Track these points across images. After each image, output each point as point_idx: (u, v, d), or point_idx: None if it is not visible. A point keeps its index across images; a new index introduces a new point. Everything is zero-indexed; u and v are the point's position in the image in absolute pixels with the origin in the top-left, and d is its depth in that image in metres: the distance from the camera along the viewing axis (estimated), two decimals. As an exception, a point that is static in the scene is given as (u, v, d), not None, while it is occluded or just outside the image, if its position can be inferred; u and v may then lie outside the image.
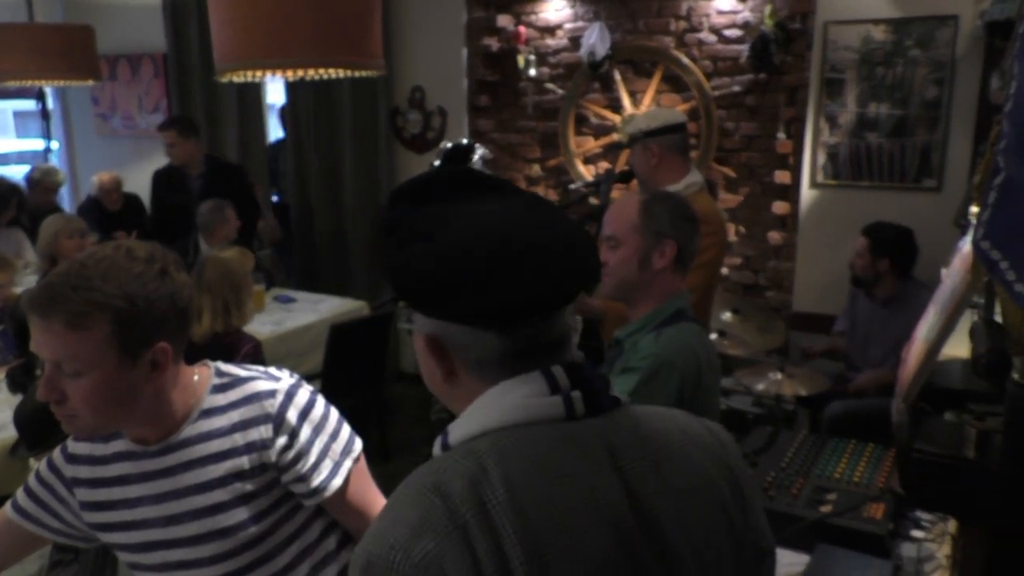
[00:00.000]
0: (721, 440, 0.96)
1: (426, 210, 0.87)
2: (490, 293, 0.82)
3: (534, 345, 0.86)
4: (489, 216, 0.86)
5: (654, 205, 1.82)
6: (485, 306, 0.82)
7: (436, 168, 0.88)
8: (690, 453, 0.90)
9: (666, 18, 4.56)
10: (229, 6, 2.21)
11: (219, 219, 4.25)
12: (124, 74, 6.26)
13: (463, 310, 0.83)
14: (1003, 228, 1.19)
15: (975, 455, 1.60)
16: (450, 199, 0.88)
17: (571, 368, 0.87)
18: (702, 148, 4.48)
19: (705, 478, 0.90)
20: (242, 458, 1.32)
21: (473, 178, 0.91)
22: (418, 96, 5.16)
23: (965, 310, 1.81)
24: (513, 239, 0.84)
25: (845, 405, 3.44)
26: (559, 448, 0.82)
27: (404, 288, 0.86)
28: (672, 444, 0.90)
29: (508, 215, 0.86)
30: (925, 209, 3.75)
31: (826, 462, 2.23)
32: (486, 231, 0.84)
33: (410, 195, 0.90)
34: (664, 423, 0.93)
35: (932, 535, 1.91)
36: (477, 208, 0.87)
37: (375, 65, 2.43)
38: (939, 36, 3.67)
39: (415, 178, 0.92)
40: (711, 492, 0.90)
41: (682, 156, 2.76)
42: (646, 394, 1.67)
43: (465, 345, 0.87)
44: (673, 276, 1.83)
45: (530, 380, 0.85)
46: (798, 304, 4.24)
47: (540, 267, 0.83)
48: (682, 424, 0.94)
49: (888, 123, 3.85)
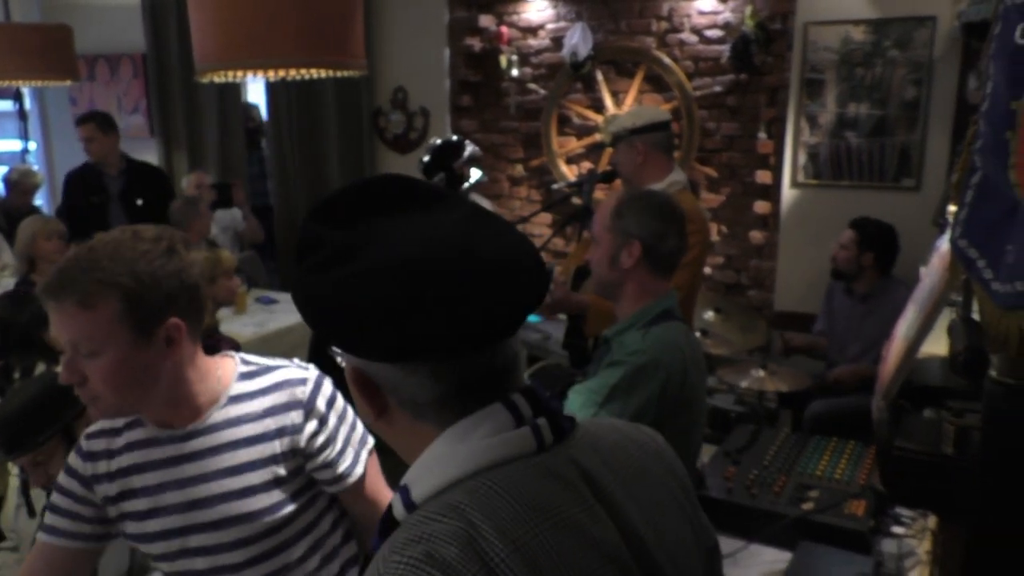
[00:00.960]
0: (659, 443, 0.93)
1: (347, 228, 0.76)
2: (417, 327, 0.70)
3: (480, 377, 0.77)
4: (419, 233, 0.74)
5: (625, 205, 1.84)
6: (410, 343, 0.71)
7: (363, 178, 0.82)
8: (646, 464, 0.87)
9: (648, 19, 4.58)
10: (209, 6, 2.19)
11: (192, 214, 4.22)
12: (103, 74, 6.20)
13: (385, 348, 0.72)
14: (980, 227, 1.20)
15: (954, 452, 1.62)
16: (377, 214, 0.77)
17: (528, 395, 0.79)
18: (684, 148, 4.50)
19: (665, 488, 0.87)
20: (274, 442, 1.35)
21: (406, 188, 0.80)
22: (400, 96, 5.15)
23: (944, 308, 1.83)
24: (449, 258, 0.72)
25: (827, 404, 3.47)
26: (542, 486, 0.75)
27: (315, 320, 0.76)
28: (631, 458, 0.86)
29: (442, 231, 0.75)
30: (904, 208, 3.79)
31: (808, 460, 2.24)
32: (413, 252, 0.72)
33: (331, 210, 0.79)
34: (616, 436, 0.88)
35: (912, 531, 1.93)
36: (406, 224, 0.75)
37: (357, 65, 2.42)
38: (917, 37, 3.71)
39: (338, 191, 0.80)
40: (674, 501, 0.87)
41: (667, 154, 2.78)
42: (628, 389, 1.69)
43: (395, 384, 0.77)
44: (651, 276, 1.84)
45: (491, 415, 0.76)
46: (780, 303, 4.26)
47: (478, 291, 0.72)
48: (629, 434, 0.90)
49: (867, 123, 3.88)
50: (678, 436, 1.80)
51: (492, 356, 0.77)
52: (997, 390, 1.19)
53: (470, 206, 0.80)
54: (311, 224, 0.78)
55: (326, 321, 0.75)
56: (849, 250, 3.58)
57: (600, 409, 1.67)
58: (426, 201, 0.79)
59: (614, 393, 1.68)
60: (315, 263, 0.75)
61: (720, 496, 2.06)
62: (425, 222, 0.76)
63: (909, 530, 1.93)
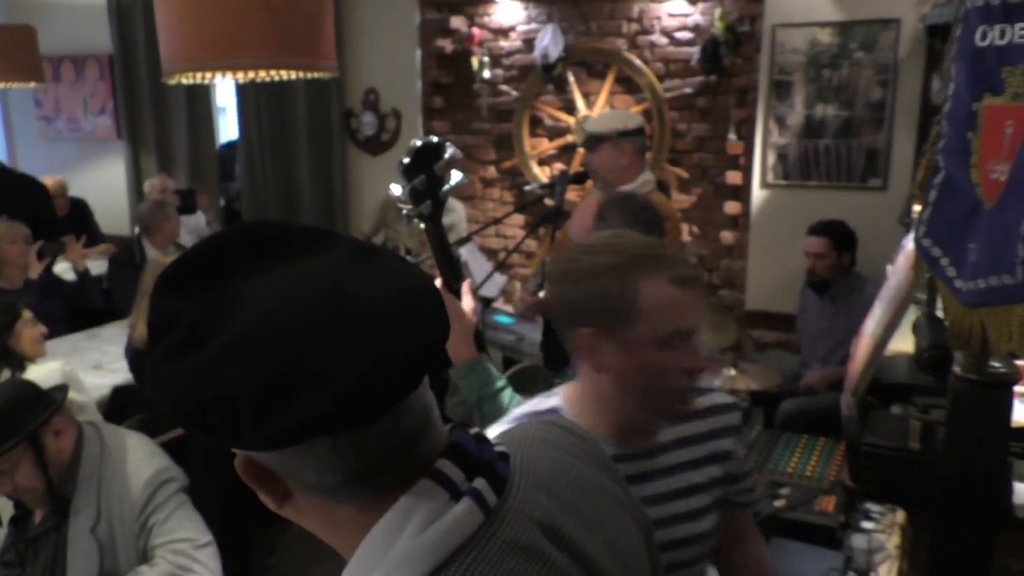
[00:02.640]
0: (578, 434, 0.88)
1: (203, 296, 0.63)
2: (297, 406, 0.59)
3: (393, 446, 0.65)
4: (286, 292, 0.62)
5: (607, 208, 1.86)
6: (292, 425, 0.59)
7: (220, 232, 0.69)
8: (580, 471, 0.81)
9: (618, 20, 4.60)
10: (176, 6, 2.17)
11: (161, 217, 4.17)
12: (68, 76, 6.10)
13: (264, 436, 0.60)
14: (943, 226, 1.22)
15: (920, 447, 1.65)
16: (237, 275, 0.64)
17: (455, 453, 0.68)
18: (655, 149, 4.52)
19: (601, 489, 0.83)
20: (715, 465, 1.36)
21: (270, 238, 0.67)
22: (372, 98, 5.12)
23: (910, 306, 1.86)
24: (318, 319, 0.60)
25: (798, 403, 3.51)
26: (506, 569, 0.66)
27: (178, 416, 0.63)
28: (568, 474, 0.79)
29: (312, 285, 0.63)
30: (871, 208, 3.84)
31: (779, 457, 2.27)
32: (280, 317, 0.60)
33: (184, 275, 0.65)
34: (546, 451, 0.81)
35: (882, 526, 1.96)
36: (271, 282, 0.63)
37: (327, 66, 2.41)
38: (882, 39, 3.77)
39: (192, 250, 0.67)
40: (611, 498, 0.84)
41: (643, 157, 2.88)
42: None
43: (290, 471, 0.65)
44: None
45: (421, 495, 0.65)
46: (750, 302, 4.30)
47: (361, 350, 0.60)
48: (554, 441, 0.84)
49: (835, 124, 3.93)
50: None
51: (397, 419, 0.65)
52: (961, 386, 1.21)
53: (352, 246, 0.68)
54: (162, 295, 0.65)
55: (191, 417, 0.62)
56: (828, 257, 3.61)
57: None
58: (293, 250, 0.66)
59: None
60: (170, 347, 0.63)
61: (693, 494, 2.07)
62: (292, 277, 0.63)
63: (878, 525, 1.96)
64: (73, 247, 4.32)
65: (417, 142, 1.57)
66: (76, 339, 3.88)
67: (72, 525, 1.94)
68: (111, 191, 6.00)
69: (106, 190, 5.99)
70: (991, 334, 1.08)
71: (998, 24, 1.13)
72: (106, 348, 3.68)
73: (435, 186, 1.58)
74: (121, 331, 3.49)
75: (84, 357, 3.56)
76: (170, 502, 1.98)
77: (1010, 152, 1.08)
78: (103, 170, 6.13)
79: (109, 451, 2.01)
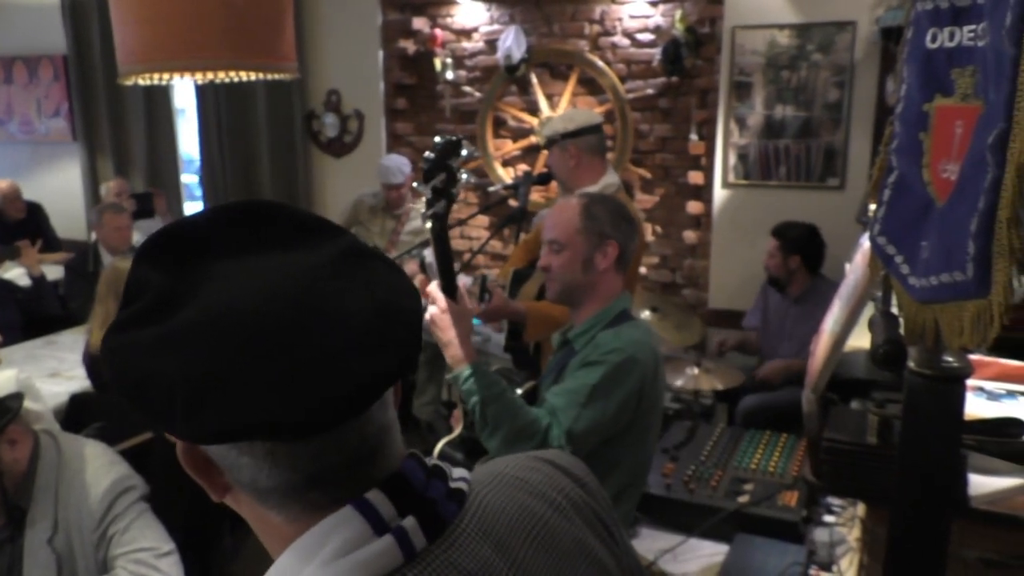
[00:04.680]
0: (578, 476, 0.81)
1: (178, 270, 0.61)
2: (241, 402, 0.56)
3: (332, 465, 0.62)
4: (260, 281, 0.59)
5: (594, 207, 1.86)
6: (232, 422, 0.56)
7: (222, 205, 0.66)
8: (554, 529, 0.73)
9: (580, 22, 4.62)
10: (132, 5, 2.13)
11: (109, 212, 4.13)
12: (21, 77, 5.97)
13: (202, 428, 0.57)
14: (897, 224, 1.25)
15: (877, 441, 1.68)
16: (220, 254, 0.61)
17: (394, 486, 0.63)
18: (618, 150, 4.55)
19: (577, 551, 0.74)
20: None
21: (267, 220, 0.64)
22: (334, 99, 5.09)
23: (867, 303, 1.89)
24: (285, 319, 0.57)
25: (757, 399, 3.56)
26: None
27: (118, 386, 0.60)
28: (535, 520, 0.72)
29: (292, 282, 0.59)
30: (830, 207, 3.91)
31: (743, 454, 2.30)
32: (245, 304, 0.58)
33: (165, 246, 0.63)
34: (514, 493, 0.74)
35: (843, 520, 1.99)
36: (249, 268, 0.60)
37: (288, 67, 2.39)
38: (839, 41, 3.84)
39: (183, 220, 0.65)
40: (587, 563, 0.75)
41: (600, 157, 2.81)
42: (609, 387, 1.71)
43: (227, 465, 0.63)
44: (615, 276, 1.87)
45: (341, 523, 0.61)
46: (714, 301, 4.35)
47: (317, 361, 0.57)
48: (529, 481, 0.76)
49: (794, 124, 3.99)
50: (645, 434, 1.83)
51: (345, 437, 0.62)
52: (915, 381, 1.23)
53: (345, 247, 0.64)
54: (139, 261, 0.63)
55: (129, 392, 0.59)
56: (775, 257, 3.69)
57: (583, 410, 1.68)
58: (282, 239, 0.63)
59: (595, 393, 1.70)
60: (130, 315, 0.60)
61: (659, 493, 2.10)
62: (267, 269, 0.60)
63: (840, 519, 1.99)
64: (28, 252, 4.22)
65: (438, 139, 1.56)
66: (32, 346, 3.80)
67: (28, 536, 1.90)
68: (67, 195, 5.88)
69: (62, 194, 5.87)
70: (944, 330, 1.11)
71: (947, 27, 1.16)
72: (63, 355, 3.61)
73: (452, 183, 1.57)
74: (78, 337, 3.42)
75: (40, 364, 3.48)
76: (130, 511, 1.95)
77: (960, 152, 1.11)
78: (58, 173, 6.01)
79: (67, 460, 1.97)
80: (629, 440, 1.78)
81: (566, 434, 1.65)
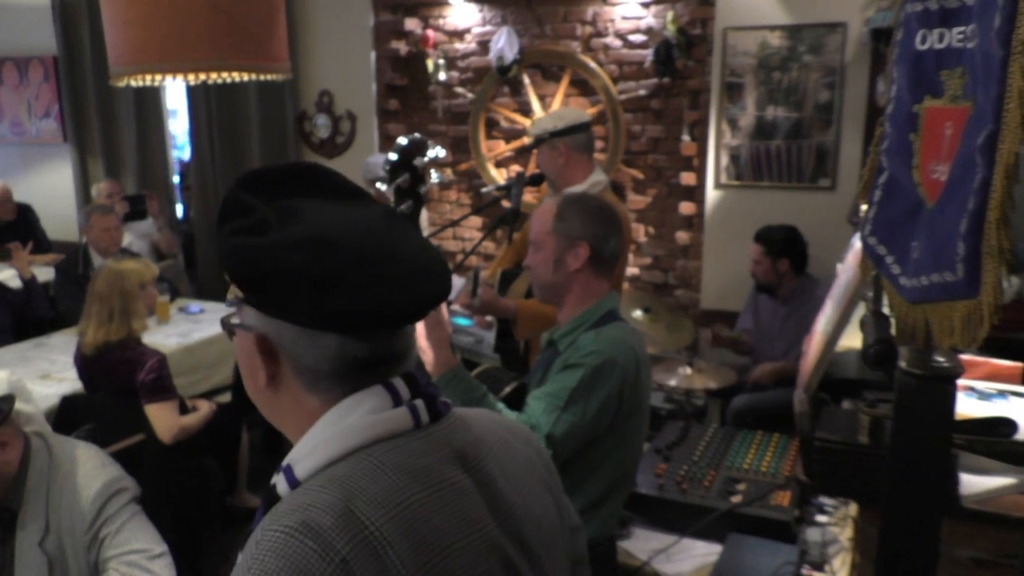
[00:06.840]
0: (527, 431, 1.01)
1: (275, 201, 0.80)
2: (343, 296, 0.75)
3: (377, 358, 0.81)
4: (346, 219, 0.80)
5: (567, 208, 1.85)
6: (334, 310, 0.76)
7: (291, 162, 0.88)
8: (516, 445, 0.94)
9: (572, 23, 4.63)
10: (123, 6, 2.13)
11: (96, 213, 4.10)
12: (11, 78, 5.94)
13: (309, 311, 0.76)
14: (887, 224, 1.26)
15: (869, 441, 1.69)
16: (303, 195, 0.82)
17: (408, 379, 0.84)
18: (610, 151, 4.56)
19: (533, 468, 0.94)
20: None
21: (329, 178, 0.86)
22: (326, 100, 5.08)
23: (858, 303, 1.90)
24: (370, 245, 0.78)
25: (748, 399, 3.57)
26: (418, 461, 0.79)
27: (245, 277, 0.78)
28: (502, 439, 0.92)
29: (364, 222, 0.80)
30: (821, 208, 3.92)
31: (735, 454, 2.30)
32: (343, 232, 0.78)
33: (260, 183, 0.83)
34: (487, 420, 0.94)
35: (835, 519, 2.00)
36: (333, 209, 0.81)
37: (280, 68, 2.38)
38: (829, 42, 3.85)
39: (267, 167, 0.85)
40: (541, 480, 0.94)
41: (587, 155, 2.83)
42: (588, 390, 1.70)
43: (299, 351, 0.80)
44: (594, 278, 1.86)
45: (372, 395, 0.80)
46: (706, 302, 4.36)
47: (396, 278, 0.78)
48: (501, 421, 0.97)
49: (785, 125, 4.01)
50: (631, 436, 1.82)
51: (394, 339, 0.82)
52: (906, 380, 1.24)
53: (384, 208, 0.85)
54: (240, 191, 0.82)
55: (256, 280, 0.77)
56: (762, 263, 3.70)
57: (563, 413, 1.67)
58: (346, 194, 0.85)
59: (574, 396, 1.69)
60: (247, 225, 0.78)
61: (652, 493, 2.10)
62: (348, 212, 0.81)
63: (832, 518, 2.00)
64: (19, 254, 4.20)
65: (403, 140, 1.56)
66: (23, 348, 3.77)
67: (19, 539, 1.89)
68: (58, 196, 5.85)
69: (52, 195, 5.84)
70: (934, 329, 1.12)
71: (936, 28, 1.17)
72: (54, 357, 3.59)
73: (418, 183, 1.57)
74: (70, 339, 3.40)
75: (31, 366, 3.46)
76: (122, 512, 1.94)
77: (949, 153, 1.11)
78: (49, 175, 5.98)
79: (58, 462, 1.96)
80: (612, 441, 1.77)
81: (547, 438, 1.65)
